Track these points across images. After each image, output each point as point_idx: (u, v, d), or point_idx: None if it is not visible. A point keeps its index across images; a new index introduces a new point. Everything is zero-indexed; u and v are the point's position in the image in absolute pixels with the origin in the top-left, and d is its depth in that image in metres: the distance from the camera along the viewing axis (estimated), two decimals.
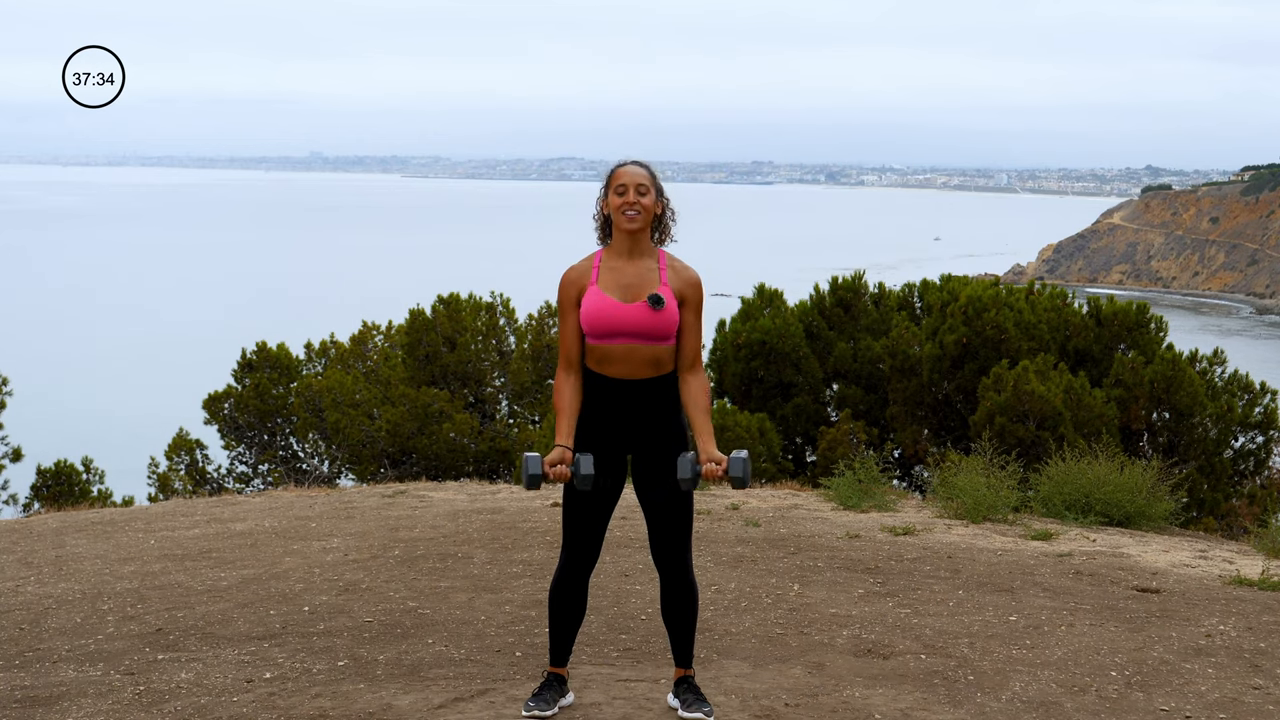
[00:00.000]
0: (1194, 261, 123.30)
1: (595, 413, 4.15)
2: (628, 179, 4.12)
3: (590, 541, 4.20)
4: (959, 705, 4.48)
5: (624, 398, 4.11)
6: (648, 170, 4.19)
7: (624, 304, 4.09)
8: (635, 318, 4.08)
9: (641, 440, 4.15)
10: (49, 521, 8.69)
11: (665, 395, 4.14)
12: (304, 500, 9.11)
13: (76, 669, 4.94)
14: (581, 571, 4.23)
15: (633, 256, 4.15)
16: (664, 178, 4.31)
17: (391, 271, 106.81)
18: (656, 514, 4.19)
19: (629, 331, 4.08)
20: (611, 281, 4.13)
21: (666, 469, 4.13)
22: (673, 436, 4.16)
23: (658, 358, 4.11)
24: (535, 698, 4.27)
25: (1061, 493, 8.53)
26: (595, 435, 4.15)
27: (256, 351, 15.67)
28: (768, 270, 19.61)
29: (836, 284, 14.39)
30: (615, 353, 4.10)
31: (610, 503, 4.20)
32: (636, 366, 4.10)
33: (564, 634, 4.30)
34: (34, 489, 14.52)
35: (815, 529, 7.64)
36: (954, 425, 12.81)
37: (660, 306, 4.06)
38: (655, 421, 4.14)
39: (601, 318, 4.09)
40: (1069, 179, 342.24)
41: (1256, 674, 4.91)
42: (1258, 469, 12.80)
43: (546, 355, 15.61)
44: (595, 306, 4.10)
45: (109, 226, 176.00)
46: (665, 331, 4.09)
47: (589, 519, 4.18)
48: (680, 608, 4.25)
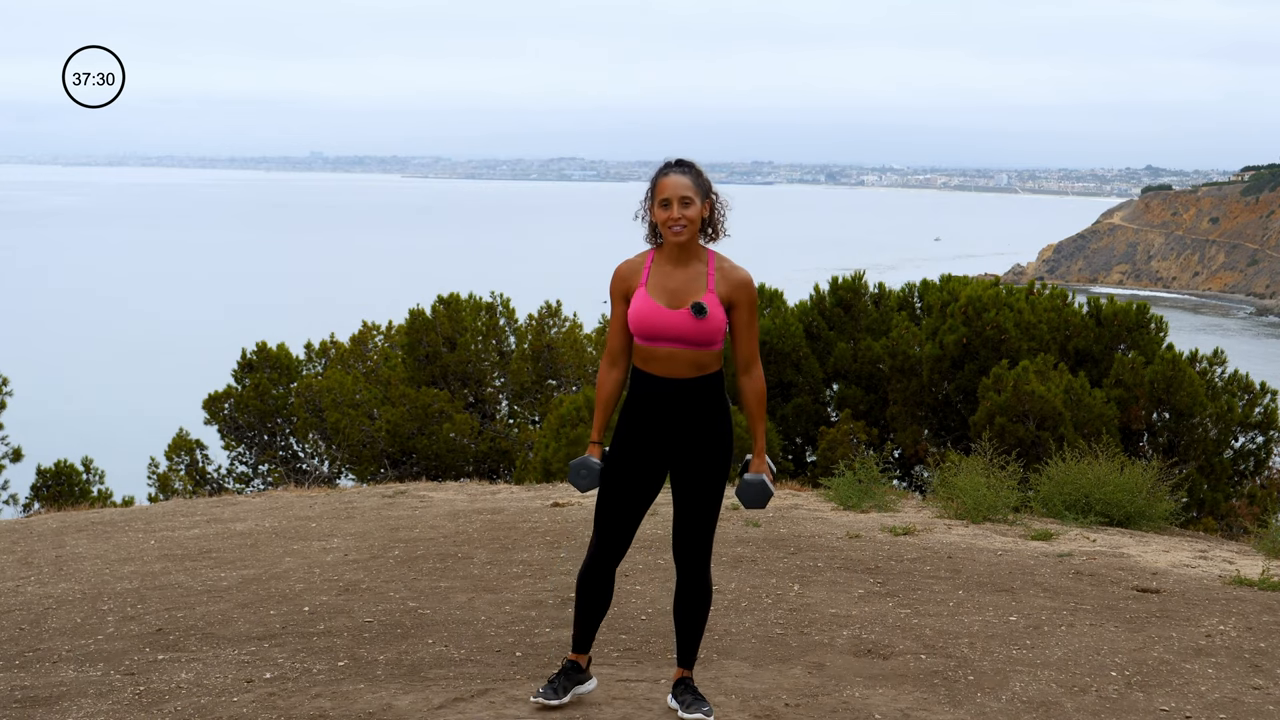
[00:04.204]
0: (1194, 261, 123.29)
1: (639, 407, 4.19)
2: (670, 192, 4.10)
3: (618, 533, 4.25)
4: (959, 705, 4.48)
5: (665, 395, 4.15)
6: (690, 176, 4.15)
7: (668, 310, 4.10)
8: (678, 324, 4.09)
9: (681, 437, 4.18)
10: (49, 521, 8.69)
11: (706, 395, 4.16)
12: (304, 500, 9.11)
13: (76, 669, 4.94)
14: (608, 561, 4.27)
15: (681, 262, 4.16)
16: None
17: (391, 271, 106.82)
18: (683, 512, 4.23)
19: (672, 336, 4.11)
20: (659, 285, 4.14)
21: (701, 469, 4.17)
22: (713, 437, 4.17)
23: (700, 361, 4.13)
24: (546, 685, 4.32)
25: (1061, 493, 8.52)
26: (637, 430, 4.20)
27: (256, 351, 15.67)
28: (768, 270, 19.57)
29: (836, 284, 14.38)
30: (658, 354, 4.14)
31: (644, 497, 4.24)
32: (678, 368, 4.13)
33: (587, 621, 4.34)
34: (34, 489, 14.53)
35: (815, 529, 7.63)
36: (954, 425, 12.81)
37: (703, 316, 4.07)
38: (696, 420, 4.16)
39: (646, 322, 4.12)
40: (1069, 179, 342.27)
41: (1256, 674, 4.91)
42: (1258, 469, 12.80)
43: (546, 355, 15.61)
44: (641, 310, 4.13)
45: (109, 226, 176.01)
46: (707, 339, 4.11)
47: (619, 511, 4.23)
48: (692, 607, 4.28)
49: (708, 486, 4.18)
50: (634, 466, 4.19)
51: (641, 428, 4.18)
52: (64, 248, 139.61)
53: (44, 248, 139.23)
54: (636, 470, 4.20)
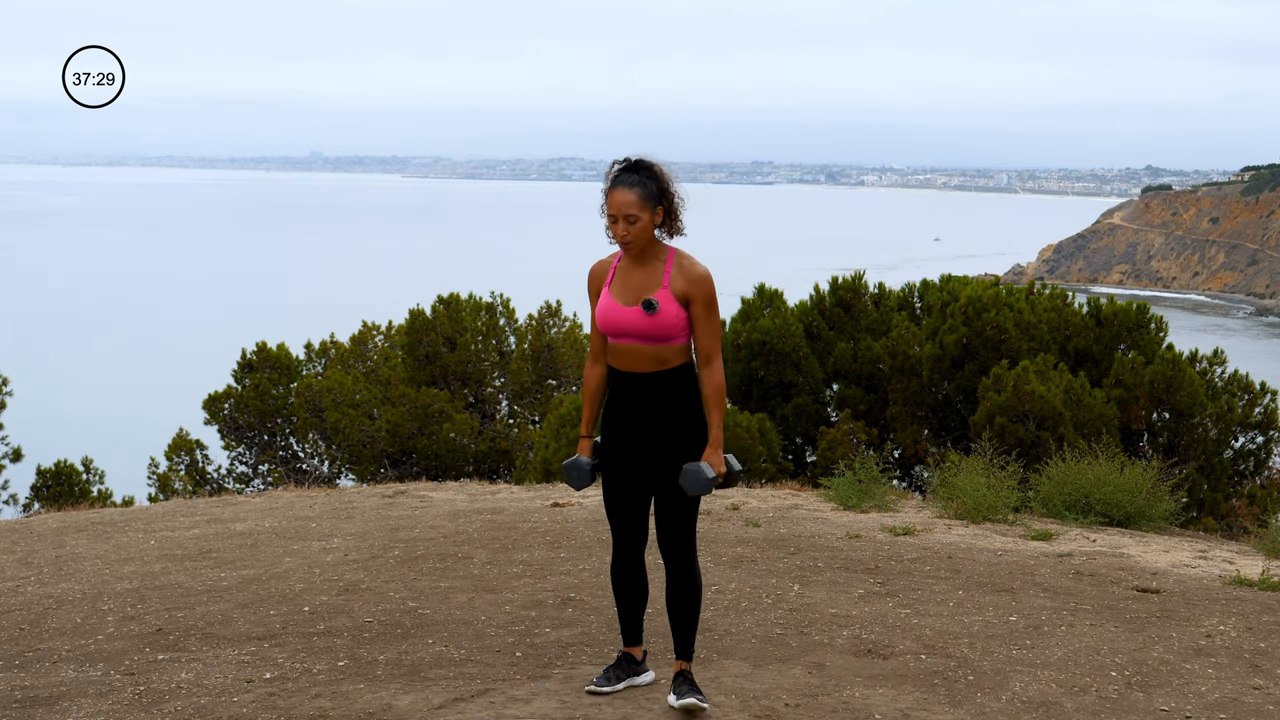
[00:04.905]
0: (1194, 261, 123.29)
1: (613, 402, 4.36)
2: (615, 209, 4.19)
3: (625, 524, 4.40)
4: (959, 705, 4.48)
5: (631, 390, 4.29)
6: (638, 189, 4.18)
7: (625, 307, 4.25)
8: (632, 320, 4.23)
9: (651, 430, 4.29)
10: (49, 521, 8.69)
11: (671, 389, 4.26)
12: (304, 500, 9.11)
13: (76, 669, 4.94)
14: (626, 553, 4.43)
15: (641, 261, 4.29)
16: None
17: (391, 271, 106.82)
18: (660, 505, 4.33)
19: (630, 332, 4.25)
20: (620, 284, 4.29)
21: (672, 463, 4.27)
22: (682, 430, 4.27)
23: (660, 356, 4.25)
24: (601, 674, 4.48)
25: (1061, 493, 8.52)
26: (613, 424, 4.36)
27: (256, 352, 15.67)
28: (768, 270, 19.58)
29: (836, 284, 14.37)
30: (620, 349, 4.30)
31: (639, 487, 4.35)
32: (640, 362, 4.27)
33: (626, 613, 4.48)
34: (34, 489, 14.53)
35: (815, 529, 7.63)
36: (954, 425, 12.81)
37: (652, 311, 4.20)
38: (662, 413, 4.27)
39: (605, 319, 4.29)
40: (1069, 179, 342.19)
41: (1256, 674, 4.91)
42: (1258, 469, 12.79)
43: (546, 355, 15.61)
44: (601, 308, 4.31)
45: (109, 226, 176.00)
46: (661, 333, 4.21)
47: (618, 503, 4.39)
48: (680, 601, 4.35)
49: (677, 481, 4.29)
50: (620, 459, 4.35)
51: (618, 421, 4.33)
52: (64, 248, 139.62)
53: (44, 248, 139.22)
54: (623, 462, 4.35)
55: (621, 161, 4.24)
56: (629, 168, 4.22)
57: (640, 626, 4.50)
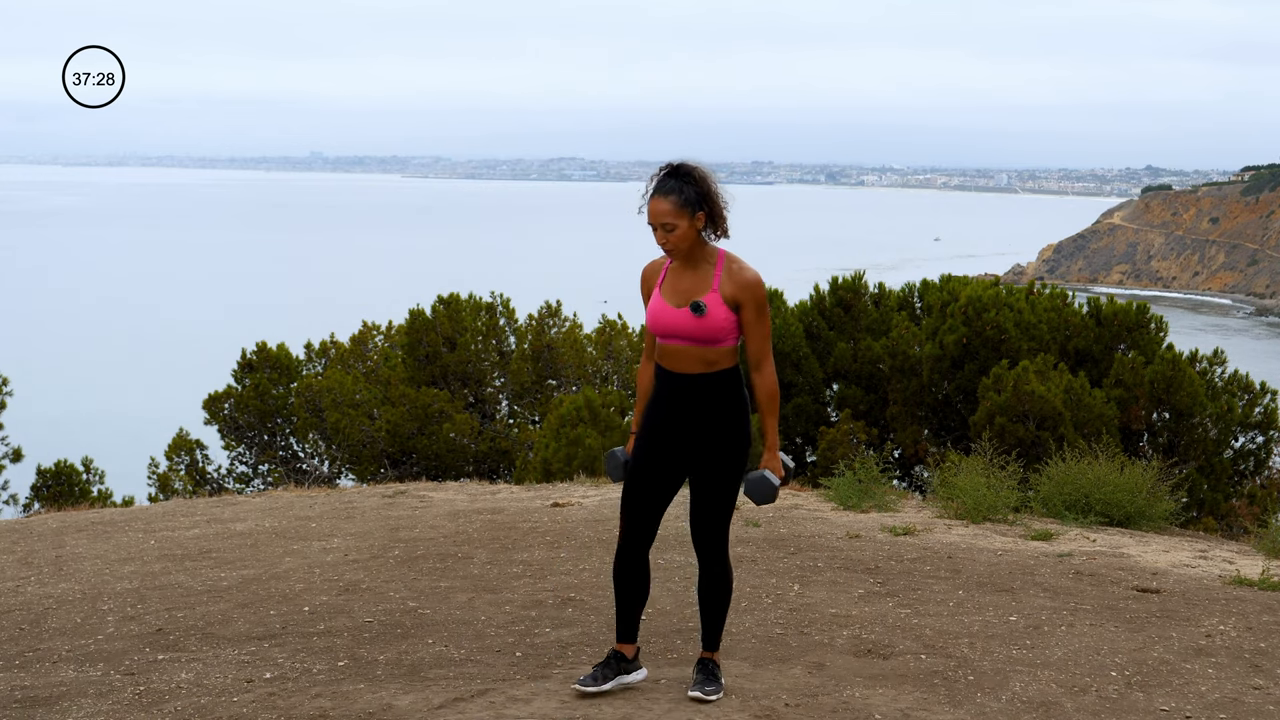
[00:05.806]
0: (1194, 261, 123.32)
1: (658, 399, 4.40)
2: (654, 219, 4.26)
3: (637, 519, 4.40)
4: (959, 705, 4.48)
5: (677, 389, 4.34)
6: (674, 196, 4.22)
7: (674, 309, 4.30)
8: (682, 322, 4.28)
9: (694, 430, 4.34)
10: (49, 521, 8.69)
11: (717, 391, 4.31)
12: (304, 500, 9.11)
13: (76, 669, 4.94)
14: (632, 548, 4.43)
15: (691, 263, 4.33)
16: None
17: (391, 271, 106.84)
18: (696, 502, 4.39)
19: (678, 334, 4.30)
20: (670, 285, 4.34)
21: (712, 461, 4.32)
22: (723, 431, 4.32)
23: (707, 358, 4.30)
24: (589, 674, 4.47)
25: (1061, 493, 8.52)
26: (656, 421, 4.38)
27: (256, 351, 15.67)
28: (768, 270, 19.57)
29: (836, 284, 14.38)
30: (669, 350, 4.35)
31: (662, 485, 4.39)
32: (688, 363, 4.32)
33: (625, 609, 4.50)
34: (34, 489, 14.53)
35: (815, 529, 7.63)
36: (954, 425, 12.81)
37: (700, 314, 4.24)
38: (707, 414, 4.31)
39: (655, 319, 4.35)
40: (1069, 179, 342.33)
41: (1257, 674, 4.91)
42: (1258, 469, 12.80)
43: (546, 355, 15.61)
44: (652, 309, 4.36)
45: (109, 226, 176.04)
46: (710, 336, 4.26)
47: (636, 498, 4.40)
48: (711, 592, 4.44)
49: (717, 478, 4.33)
50: (652, 456, 4.38)
51: (658, 419, 4.38)
52: (64, 248, 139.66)
53: (44, 248, 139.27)
54: (654, 459, 4.38)
55: (665, 167, 4.29)
56: (668, 174, 4.27)
57: (636, 624, 4.52)
